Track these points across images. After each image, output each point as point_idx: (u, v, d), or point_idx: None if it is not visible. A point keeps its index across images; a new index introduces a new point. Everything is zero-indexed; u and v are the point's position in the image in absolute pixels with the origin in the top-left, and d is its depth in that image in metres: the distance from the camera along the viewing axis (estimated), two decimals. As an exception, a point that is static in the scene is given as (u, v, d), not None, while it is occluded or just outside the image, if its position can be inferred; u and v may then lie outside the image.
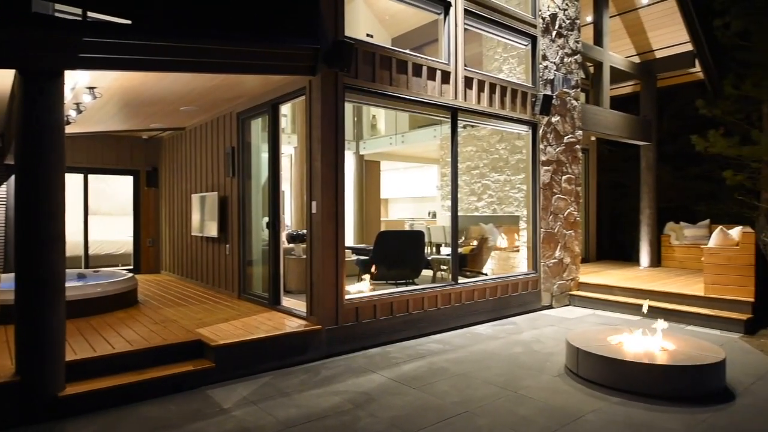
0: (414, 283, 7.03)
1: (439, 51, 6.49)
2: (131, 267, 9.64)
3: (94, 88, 5.34)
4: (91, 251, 9.63)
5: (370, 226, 12.18)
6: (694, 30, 9.67)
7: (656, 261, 10.22)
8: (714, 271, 6.67)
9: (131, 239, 9.86)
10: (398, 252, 7.39)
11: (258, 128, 6.62)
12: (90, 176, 9.41)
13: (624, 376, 4.13)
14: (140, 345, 4.38)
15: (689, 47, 9.97)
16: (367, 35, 9.94)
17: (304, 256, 5.70)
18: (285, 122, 10.63)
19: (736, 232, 6.99)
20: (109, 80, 5.08)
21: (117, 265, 9.72)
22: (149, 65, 4.11)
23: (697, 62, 10.04)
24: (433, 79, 6.14)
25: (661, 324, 4.60)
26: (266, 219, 6.21)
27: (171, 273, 9.34)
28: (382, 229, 12.60)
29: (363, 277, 6.93)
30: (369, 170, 12.56)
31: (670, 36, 10.23)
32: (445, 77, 6.28)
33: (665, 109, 11.99)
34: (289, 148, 10.55)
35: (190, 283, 8.19)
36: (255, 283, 6.65)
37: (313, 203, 5.19)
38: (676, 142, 11.74)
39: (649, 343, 4.51)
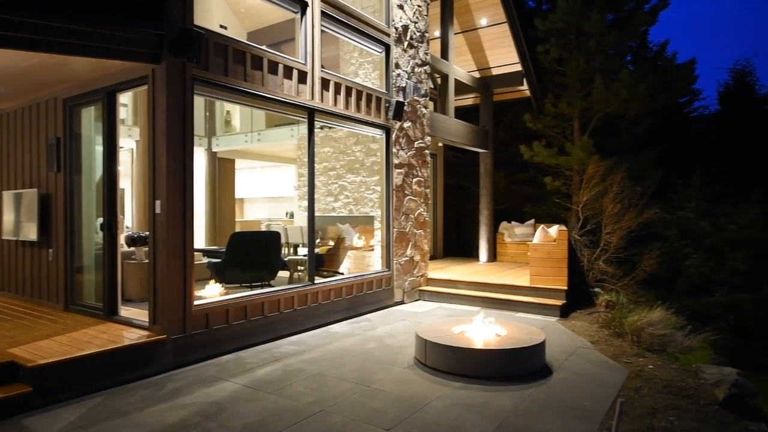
0: (270, 285, 6.87)
1: (296, 50, 6.44)
2: None
3: None
4: None
5: (224, 227, 11.60)
6: (522, 53, 11.02)
7: (493, 256, 11.40)
8: (538, 264, 7.66)
9: None
10: (253, 253, 7.16)
11: (91, 117, 5.87)
12: None
13: (465, 362, 4.54)
14: (-73, 373, 3.60)
15: (519, 68, 11.32)
16: (221, 26, 9.46)
17: (147, 261, 5.22)
18: (125, 112, 9.60)
19: (554, 230, 8.11)
20: None
21: None
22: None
23: (525, 81, 11.45)
24: (290, 78, 6.08)
25: (482, 314, 5.14)
26: (101, 220, 5.54)
27: (-26, 284, 7.81)
28: (237, 230, 12.09)
29: (215, 280, 6.58)
30: (223, 168, 11.94)
31: (504, 56, 11.52)
32: (302, 77, 6.26)
33: (500, 120, 13.47)
34: (130, 142, 9.56)
35: (1, 296, 6.95)
36: (87, 292, 5.89)
37: (157, 203, 4.78)
38: (508, 150, 13.27)
39: (486, 331, 5.01)
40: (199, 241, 10.55)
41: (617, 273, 8.47)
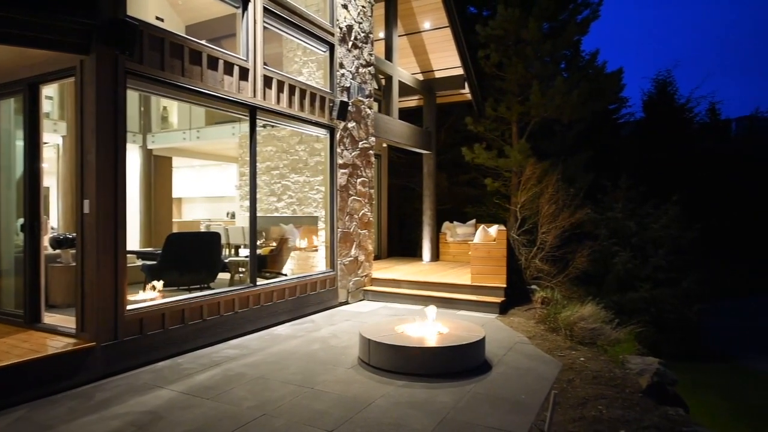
0: (210, 288, 6.66)
1: (238, 46, 6.28)
2: None
3: None
4: None
5: (160, 227, 11.10)
6: (464, 57, 11.30)
7: (436, 256, 11.61)
8: (478, 263, 7.88)
9: None
10: (192, 255, 6.91)
11: (11, 110, 5.44)
12: None
13: (408, 360, 4.60)
14: None
15: (461, 71, 11.60)
16: (157, 18, 9.06)
17: (74, 264, 4.91)
18: (51, 105, 8.98)
19: (494, 229, 8.38)
20: None
21: None
22: None
23: (466, 85, 11.75)
24: (231, 75, 5.92)
25: (431, 311, 5.24)
26: (21, 220, 5.16)
27: None
28: (175, 230, 11.62)
29: (151, 284, 6.29)
30: (159, 167, 11.43)
31: (447, 60, 11.76)
32: (244, 74, 6.11)
33: (443, 122, 13.75)
34: (55, 137, 8.95)
35: None
36: (5, 298, 5.46)
37: (86, 202, 4.50)
38: (450, 152, 13.57)
39: (428, 329, 5.11)
40: (133, 242, 10.05)
41: (552, 271, 8.87)
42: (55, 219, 9.34)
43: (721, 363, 12.73)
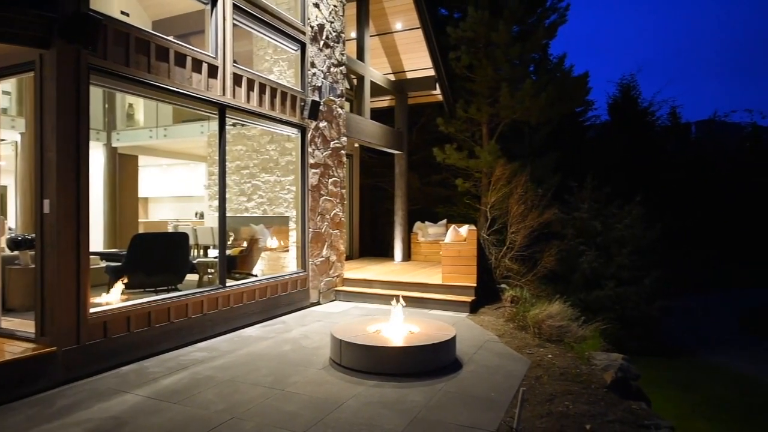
0: (177, 289, 6.51)
1: (207, 43, 6.16)
2: None
3: None
4: None
5: (126, 228, 10.79)
6: (435, 59, 11.39)
7: (407, 256, 11.66)
8: (449, 263, 7.95)
9: None
10: (158, 256, 6.75)
11: (-37, 106, 5.21)
12: None
13: (379, 360, 4.61)
14: None
15: (432, 73, 11.69)
16: (122, 13, 8.80)
17: (33, 266, 4.73)
18: (8, 101, 8.63)
19: (465, 229, 8.48)
20: None
21: None
22: None
23: (437, 86, 11.84)
24: (199, 72, 5.80)
25: (398, 310, 5.24)
26: (-24, 221, 4.94)
27: None
28: (141, 231, 11.32)
29: (116, 286, 6.11)
30: (124, 165, 11.11)
31: (418, 61, 11.83)
32: (213, 71, 6.00)
33: (415, 123, 13.83)
34: (13, 134, 8.59)
35: None
36: (-42, 302, 5.21)
37: (46, 202, 4.34)
38: (422, 152, 13.65)
39: (400, 328, 5.13)
40: (97, 243, 9.75)
41: (521, 270, 9.03)
42: (12, 219, 8.97)
43: (680, 357, 13.22)
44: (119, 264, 6.54)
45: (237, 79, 6.38)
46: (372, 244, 13.45)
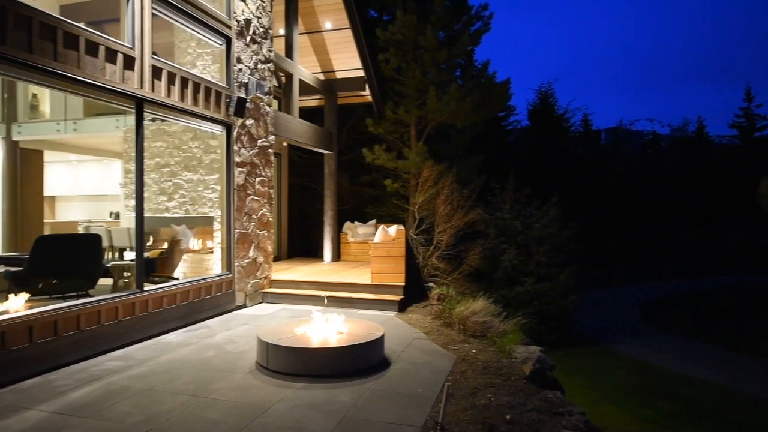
0: (89, 295, 6.07)
1: (122, 32, 5.79)
2: None
3: None
4: None
5: (29, 229, 9.88)
6: (365, 60, 11.45)
7: (337, 256, 11.63)
8: (378, 263, 8.03)
9: None
10: (66, 259, 6.26)
11: None
12: None
13: (307, 362, 4.56)
14: None
15: (362, 73, 11.73)
16: (23, -6, 8.06)
17: None
18: None
19: (393, 229, 8.60)
20: None
21: None
22: None
23: (367, 87, 11.91)
24: (114, 63, 5.44)
25: (326, 311, 5.26)
26: None
27: None
28: (47, 232, 10.43)
29: (14, 292, 5.57)
30: (27, 161, 10.16)
31: (348, 61, 11.83)
32: (129, 63, 5.65)
33: (344, 123, 13.82)
34: None
35: None
36: None
37: (-69, 201, 3.89)
38: (352, 153, 13.68)
39: (328, 329, 5.10)
40: (-6, 246, 8.86)
41: (447, 268, 9.31)
42: None
43: (590, 347, 14.25)
44: (20, 269, 6.00)
45: (156, 72, 6.05)
46: (301, 244, 13.28)
